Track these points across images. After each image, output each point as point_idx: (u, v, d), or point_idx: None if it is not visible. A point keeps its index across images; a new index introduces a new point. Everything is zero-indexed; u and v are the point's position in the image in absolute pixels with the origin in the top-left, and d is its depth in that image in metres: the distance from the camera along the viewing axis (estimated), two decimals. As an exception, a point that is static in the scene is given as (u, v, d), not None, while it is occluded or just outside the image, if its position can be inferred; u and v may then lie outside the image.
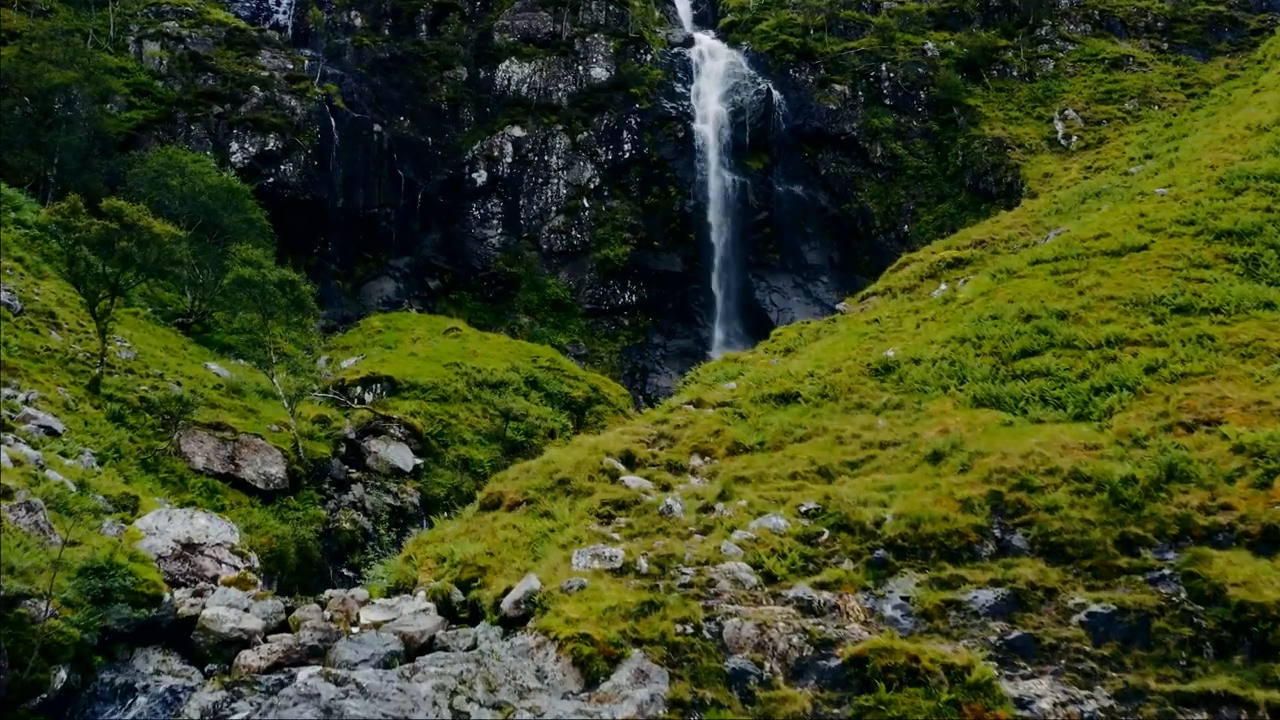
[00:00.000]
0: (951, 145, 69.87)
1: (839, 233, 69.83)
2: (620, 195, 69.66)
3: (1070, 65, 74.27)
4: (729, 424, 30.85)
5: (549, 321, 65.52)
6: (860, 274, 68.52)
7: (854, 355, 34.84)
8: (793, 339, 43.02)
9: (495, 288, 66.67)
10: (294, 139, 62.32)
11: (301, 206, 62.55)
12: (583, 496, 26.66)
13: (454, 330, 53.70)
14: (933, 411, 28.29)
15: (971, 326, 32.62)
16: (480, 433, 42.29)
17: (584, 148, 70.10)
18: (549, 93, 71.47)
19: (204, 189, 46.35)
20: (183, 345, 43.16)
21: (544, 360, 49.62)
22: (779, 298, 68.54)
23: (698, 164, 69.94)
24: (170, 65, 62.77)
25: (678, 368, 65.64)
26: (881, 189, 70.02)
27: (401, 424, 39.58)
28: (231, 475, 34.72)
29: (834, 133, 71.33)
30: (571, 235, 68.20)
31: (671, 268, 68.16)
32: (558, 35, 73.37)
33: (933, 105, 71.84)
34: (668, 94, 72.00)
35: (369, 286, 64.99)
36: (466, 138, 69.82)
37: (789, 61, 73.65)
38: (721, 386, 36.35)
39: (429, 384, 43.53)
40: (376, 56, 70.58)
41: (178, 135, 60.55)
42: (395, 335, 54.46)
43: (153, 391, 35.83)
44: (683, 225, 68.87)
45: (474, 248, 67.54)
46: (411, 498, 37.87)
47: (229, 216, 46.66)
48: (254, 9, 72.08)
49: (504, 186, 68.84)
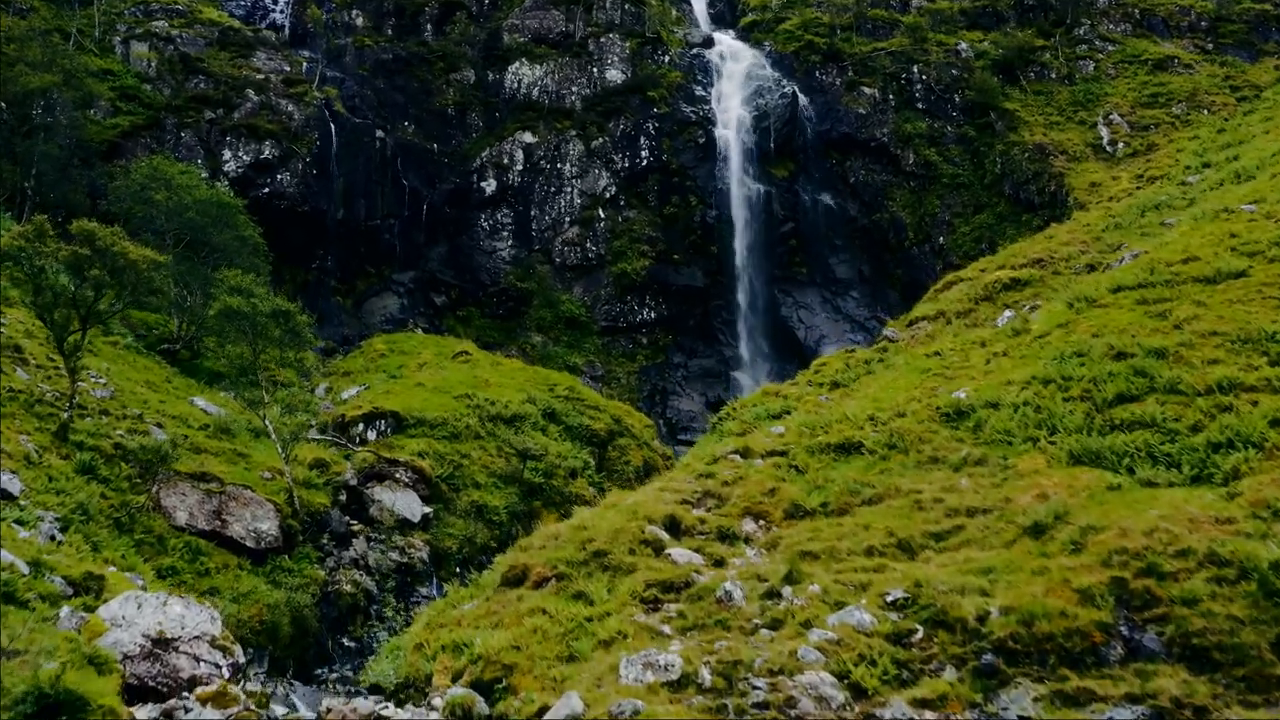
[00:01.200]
0: (989, 152, 65.86)
1: (869, 244, 65.84)
2: (638, 205, 65.67)
3: (1111, 67, 70.26)
4: (784, 480, 26.90)
5: (563, 340, 61.52)
6: (892, 288, 64.66)
7: (918, 395, 30.93)
8: (839, 371, 39.00)
9: (505, 304, 62.68)
10: (291, 146, 58.33)
11: (299, 218, 58.58)
12: (623, 574, 22.76)
13: (463, 354, 49.70)
14: (1023, 470, 24.41)
15: (1054, 365, 28.62)
16: (495, 474, 38.30)
17: (599, 154, 66.11)
18: (561, 96, 67.49)
19: (192, 204, 42.40)
20: (166, 378, 39.15)
21: (562, 389, 45.63)
22: (806, 314, 64.55)
23: (719, 172, 65.95)
24: (159, 67, 58.80)
25: (699, 389, 61.74)
26: (914, 198, 66.01)
27: (408, 468, 35.59)
28: (218, 533, 30.76)
29: (863, 138, 67.33)
30: (586, 248, 64.21)
31: (692, 282, 64.17)
32: (570, 35, 69.37)
33: (968, 109, 67.82)
34: (687, 97, 68.01)
35: (371, 303, 61.00)
36: (474, 144, 65.84)
37: (815, 63, 69.64)
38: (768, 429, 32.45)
39: (438, 419, 39.54)
40: (379, 58, 66.59)
41: (166, 143, 56.55)
42: (400, 359, 50.47)
43: (130, 437, 31.84)
44: (704, 237, 64.88)
45: (483, 261, 63.56)
46: (420, 552, 33.89)
47: (219, 234, 42.73)
48: (249, 8, 68.09)
49: (514, 196, 64.88)
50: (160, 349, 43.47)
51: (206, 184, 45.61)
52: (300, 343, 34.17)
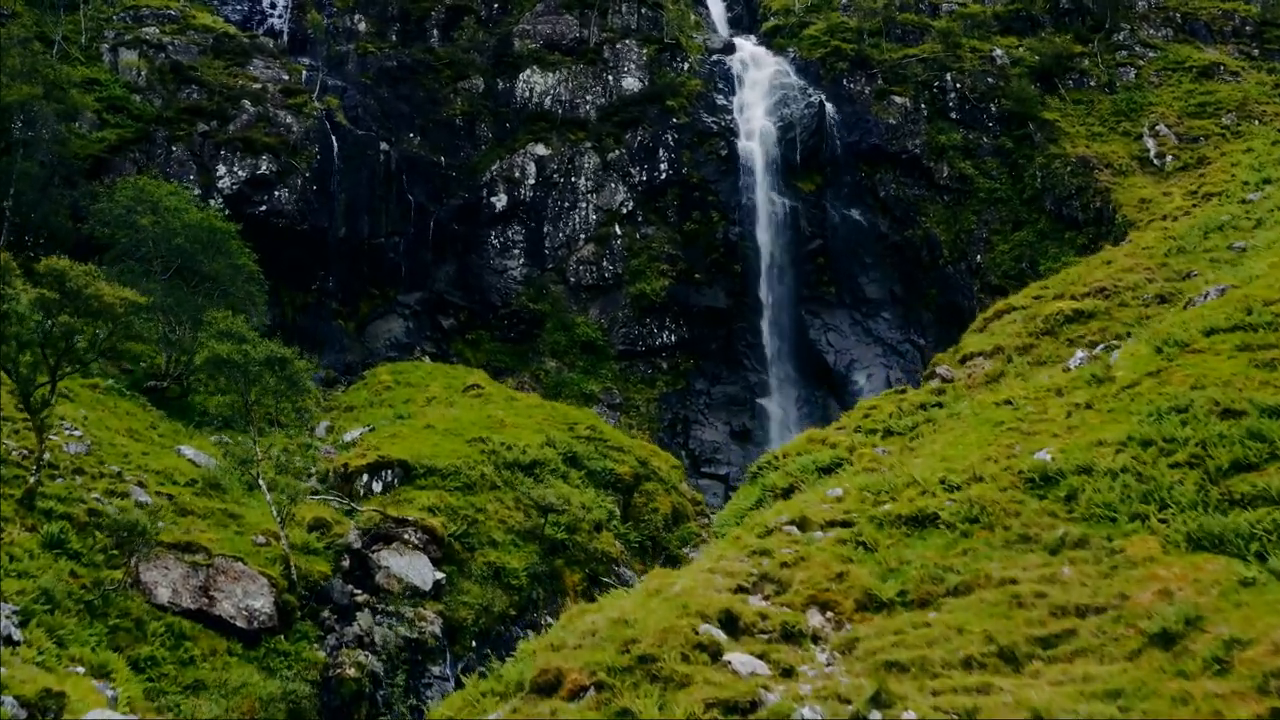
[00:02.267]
0: (1028, 165, 62.23)
1: (901, 262, 62.22)
2: (656, 221, 62.07)
3: (1154, 74, 66.64)
4: (852, 560, 23.12)
5: (578, 365, 57.92)
6: (925, 309, 61.09)
7: (994, 455, 27.19)
8: (891, 416, 35.34)
9: (517, 326, 59.08)
10: (290, 160, 54.73)
11: (298, 237, 54.99)
12: (675, 688, 19.03)
13: (475, 388, 46.12)
14: (1134, 555, 20.67)
15: (1151, 424, 24.81)
16: (513, 530, 34.69)
17: (615, 167, 62.52)
18: (575, 105, 63.89)
19: (180, 229, 38.83)
20: (151, 424, 35.55)
21: (583, 428, 42.03)
22: (836, 337, 60.92)
23: (743, 185, 62.35)
24: (149, 77, 55.21)
25: (724, 418, 58.13)
26: (949, 213, 62.39)
27: (418, 527, 31.99)
28: (204, 612, 27.17)
29: (894, 150, 63.72)
30: (602, 266, 60.60)
31: (715, 303, 60.55)
32: (585, 41, 65.79)
33: (1004, 119, 64.21)
34: (708, 107, 64.40)
35: (375, 326, 57.41)
36: (484, 157, 62.24)
37: (842, 70, 66.02)
38: (822, 491, 28.77)
39: (450, 468, 35.92)
40: (383, 65, 63.02)
41: (156, 157, 52.95)
42: (406, 392, 46.89)
43: (107, 500, 28.27)
44: (727, 255, 61.28)
45: (493, 281, 59.96)
46: (432, 626, 30.30)
47: (210, 262, 39.17)
48: (246, 12, 64.49)
49: (526, 212, 61.28)
50: (147, 386, 39.88)
51: (197, 205, 41.97)
52: (299, 390, 30.60)
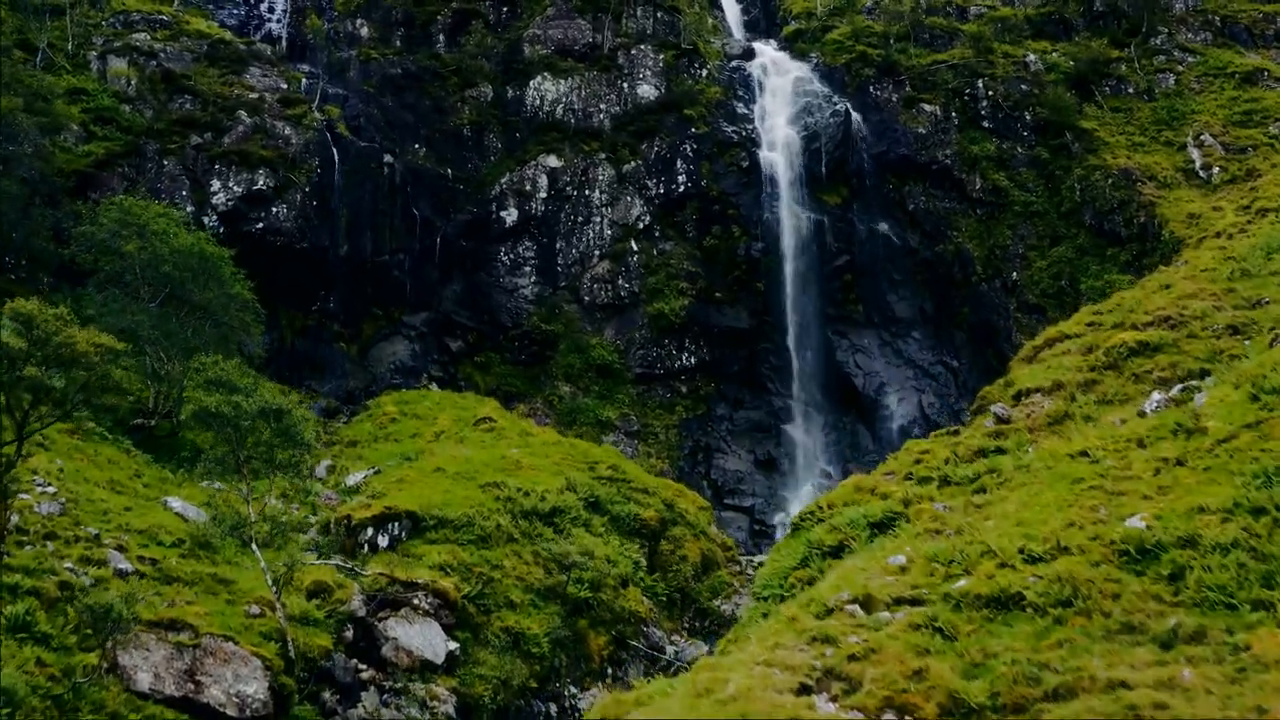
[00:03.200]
0: (1065, 176, 59.07)
1: (932, 279, 59.07)
2: (675, 236, 58.95)
3: (1194, 80, 63.46)
4: (929, 649, 19.96)
5: (593, 390, 54.80)
6: (958, 329, 57.97)
7: (1077, 519, 24.05)
8: (947, 463, 32.12)
9: (529, 348, 55.97)
10: (288, 175, 51.64)
11: (297, 256, 51.90)
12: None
13: (486, 421, 43.04)
14: (1264, 655, 17.52)
15: (1259, 487, 21.62)
16: (533, 589, 31.60)
17: (631, 180, 59.41)
18: (589, 114, 60.77)
19: (168, 255, 35.73)
20: (135, 472, 32.47)
21: (604, 467, 38.95)
22: (864, 358, 57.81)
23: (765, 199, 59.22)
24: (139, 86, 52.12)
25: (747, 445, 55.04)
26: (982, 228, 59.23)
27: (429, 591, 28.92)
28: (190, 699, 24.09)
29: (924, 161, 60.56)
30: (618, 285, 57.48)
31: (736, 323, 57.44)
32: (598, 47, 62.66)
33: (1040, 128, 61.01)
34: (727, 115, 61.27)
35: (379, 349, 54.32)
36: (493, 169, 59.12)
37: (868, 77, 62.86)
38: (882, 558, 25.67)
39: (462, 518, 32.85)
40: (386, 72, 59.90)
41: (147, 172, 49.86)
42: (413, 425, 43.83)
43: (81, 571, 25.21)
44: (749, 272, 58.16)
45: (503, 300, 56.85)
46: (445, 705, 27.20)
47: (201, 292, 36.09)
48: (243, 17, 61.40)
49: (538, 227, 58.17)
50: (133, 425, 36.80)
51: (188, 227, 38.85)
52: (297, 443, 27.51)
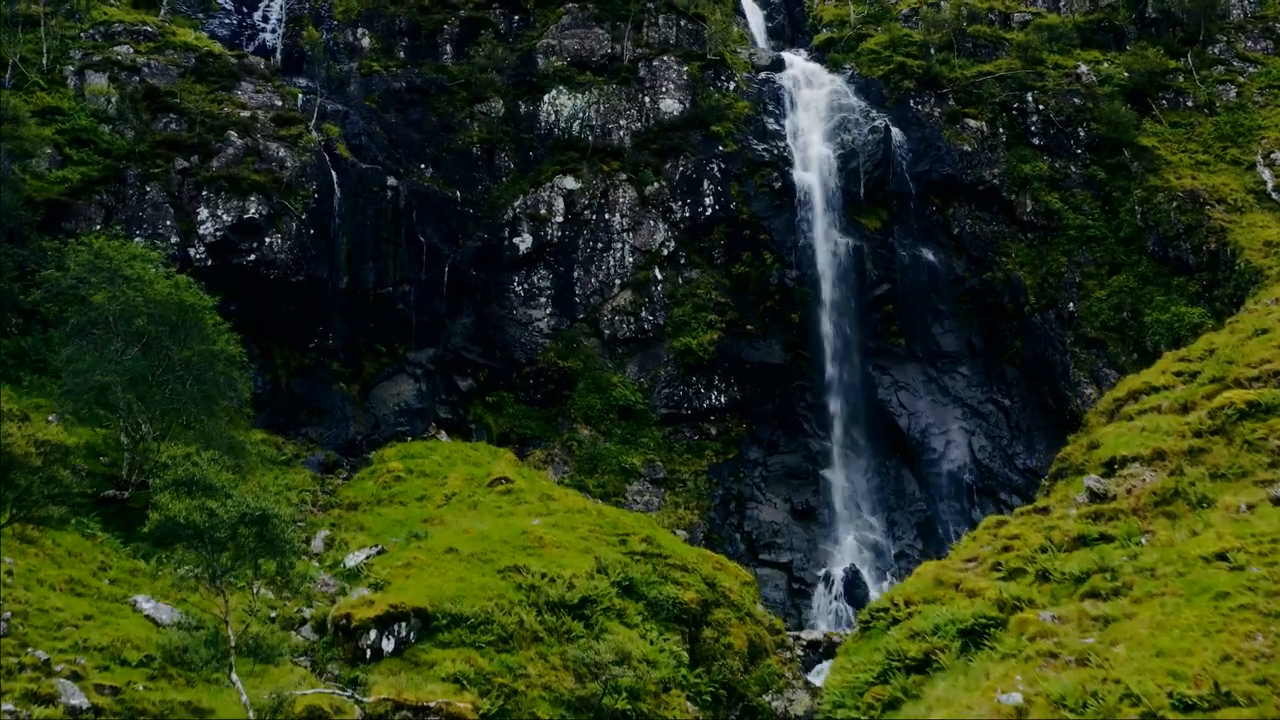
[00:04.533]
0: (1124, 198, 54.59)
1: (980, 310, 54.59)
2: (701, 264, 54.48)
3: (1258, 93, 58.94)
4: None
5: (615, 434, 50.32)
6: (1009, 364, 53.52)
7: (1232, 649, 20.07)
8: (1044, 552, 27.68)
9: (544, 387, 51.52)
10: (283, 201, 47.22)
11: (293, 290, 47.49)
12: None
13: (502, 482, 38.60)
14: None
15: None
16: (562, 701, 27.15)
17: (654, 202, 54.94)
18: (608, 131, 56.29)
19: (143, 305, 31.28)
20: (101, 563, 28.00)
21: (637, 540, 34.49)
22: (907, 396, 53.32)
23: (800, 223, 54.75)
24: (120, 105, 47.67)
25: (783, 493, 50.58)
26: (1034, 254, 54.76)
27: (443, 716, 24.44)
28: None
29: (969, 180, 56.09)
30: (641, 317, 53.02)
31: (770, 358, 52.97)
32: (617, 58, 58.17)
33: (1094, 145, 56.55)
34: (757, 132, 56.78)
35: (382, 389, 49.88)
36: (505, 191, 54.66)
37: (908, 90, 58.37)
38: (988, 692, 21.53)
39: (480, 614, 28.40)
40: (389, 86, 55.45)
41: (127, 200, 45.45)
42: (420, 485, 39.39)
43: (24, 711, 20.78)
44: (782, 302, 53.68)
45: (516, 334, 52.38)
46: None
47: (181, 348, 31.62)
48: (235, 27, 56.94)
49: (553, 254, 53.71)
50: (104, 497, 32.36)
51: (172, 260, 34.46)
52: (283, 553, 23.07)
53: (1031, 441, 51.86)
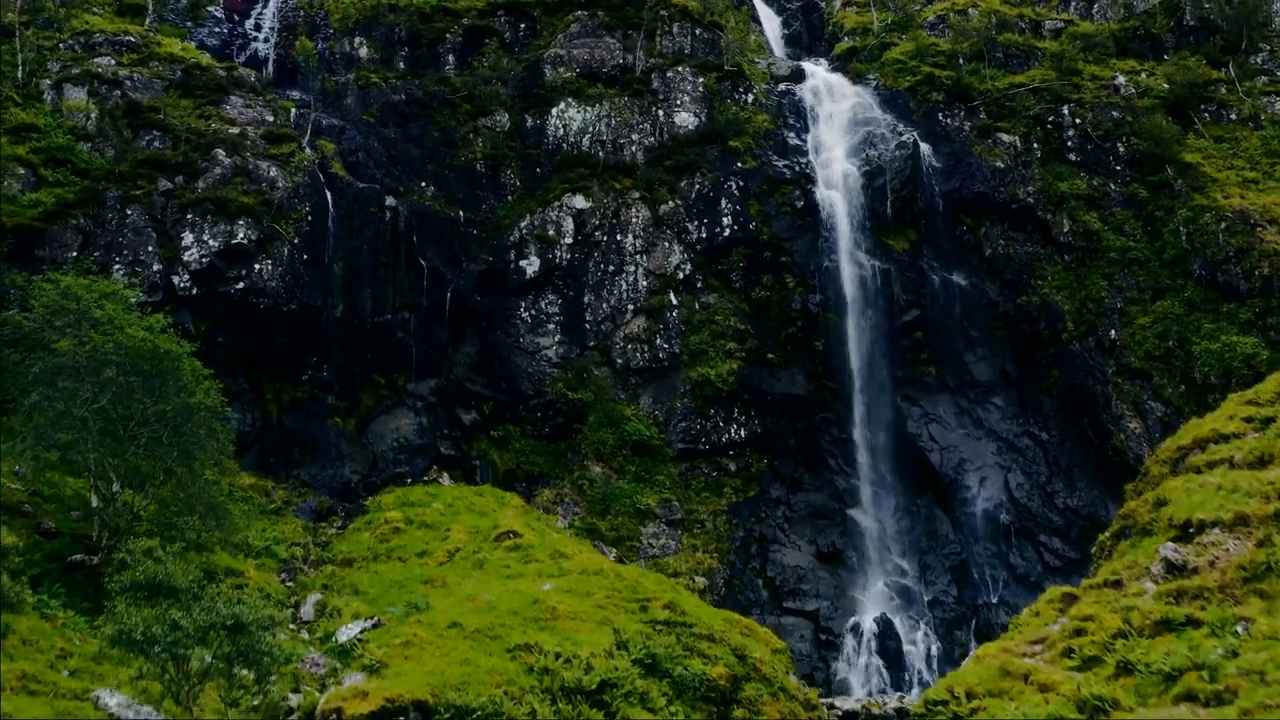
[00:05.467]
0: (1168, 218, 51.44)
1: (1014, 336, 51.45)
2: (719, 288, 51.36)
3: (1305, 105, 55.86)
4: None
5: (629, 471, 47.21)
6: (1046, 394, 50.42)
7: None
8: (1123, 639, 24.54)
9: (553, 420, 48.39)
10: (274, 225, 44.12)
11: (284, 319, 44.38)
12: None
13: (510, 536, 35.48)
14: None
15: None
16: (580, 808, 24.01)
17: (669, 222, 51.82)
18: (619, 146, 53.15)
19: (113, 353, 28.15)
20: (61, 649, 24.81)
21: (658, 607, 31.33)
22: (939, 429, 50.18)
23: (823, 244, 51.61)
24: (100, 121, 44.59)
25: (808, 535, 47.48)
26: (1072, 277, 51.60)
27: (447, 838, 21.27)
28: None
29: (1002, 199, 52.95)
30: (655, 345, 49.90)
31: (792, 389, 49.84)
32: (629, 69, 55.03)
33: (1135, 162, 53.40)
34: (778, 148, 53.65)
35: (379, 424, 46.73)
36: (510, 210, 51.53)
37: (937, 102, 55.19)
38: None
39: (487, 705, 25.22)
40: (388, 99, 52.30)
41: (106, 224, 42.32)
42: (421, 538, 36.27)
43: None
44: (805, 329, 50.57)
45: (523, 364, 49.25)
46: None
47: (156, 403, 28.48)
48: (225, 37, 53.86)
49: (562, 277, 50.58)
50: (71, 562, 29.26)
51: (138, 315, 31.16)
52: (262, 664, 19.93)
53: (1072, 479, 48.69)
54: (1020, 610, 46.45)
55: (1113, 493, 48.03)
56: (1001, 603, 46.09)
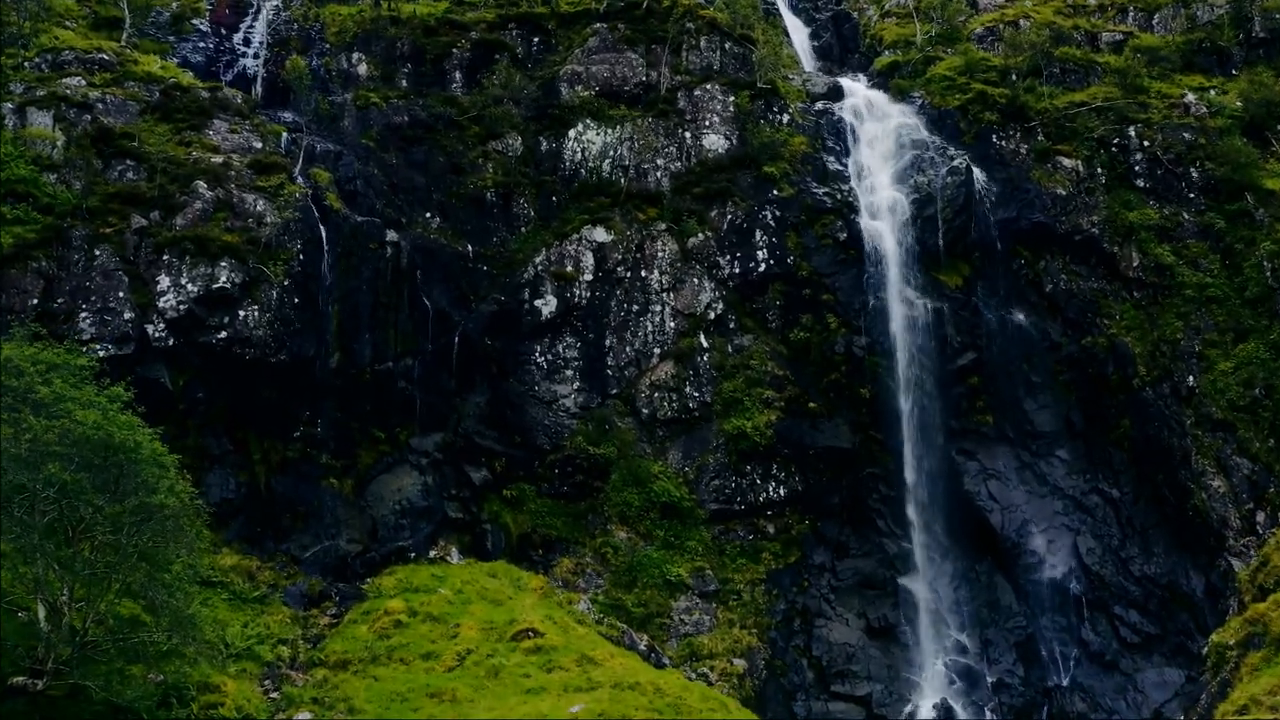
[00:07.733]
0: (1248, 252, 46.77)
1: (1080, 382, 46.67)
2: (754, 329, 46.61)
3: (1388, 124, 51.03)
4: None
5: (657, 536, 42.46)
6: (1116, 447, 45.72)
7: None
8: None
9: (572, 478, 43.63)
10: (260, 266, 39.42)
11: (273, 372, 39.68)
12: None
13: (530, 635, 30.77)
14: None
15: None
16: None
17: (698, 257, 47.07)
18: (643, 172, 48.43)
19: (57, 445, 23.42)
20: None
21: (705, 730, 26.55)
22: (998, 486, 45.38)
23: (869, 280, 46.85)
24: (67, 150, 39.92)
25: (857, 606, 42.82)
26: (1143, 316, 46.85)
27: None
28: None
29: (1064, 230, 48.20)
30: (684, 393, 45.16)
31: (836, 441, 45.05)
32: (653, 87, 50.26)
33: (1210, 188, 48.66)
34: (817, 174, 48.91)
35: (380, 485, 41.95)
36: (524, 243, 46.76)
37: (990, 123, 50.39)
38: None
39: None
40: (390, 121, 47.55)
41: (72, 266, 37.64)
42: (426, 636, 31.54)
43: None
44: (850, 374, 45.78)
45: (539, 415, 44.46)
46: None
47: (113, 502, 23.79)
48: (210, 53, 49.15)
49: (582, 319, 45.81)
50: (13, 685, 24.55)
51: (93, 389, 26.37)
52: None
53: (1148, 542, 43.93)
54: (1095, 694, 42.00)
55: (1194, 559, 43.38)
56: (1074, 685, 41.40)
